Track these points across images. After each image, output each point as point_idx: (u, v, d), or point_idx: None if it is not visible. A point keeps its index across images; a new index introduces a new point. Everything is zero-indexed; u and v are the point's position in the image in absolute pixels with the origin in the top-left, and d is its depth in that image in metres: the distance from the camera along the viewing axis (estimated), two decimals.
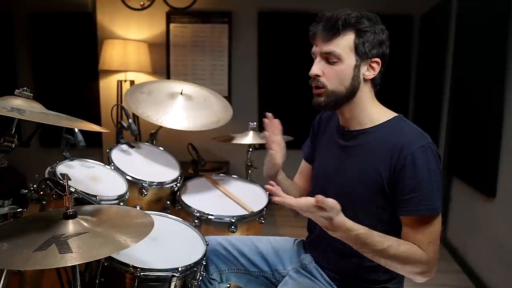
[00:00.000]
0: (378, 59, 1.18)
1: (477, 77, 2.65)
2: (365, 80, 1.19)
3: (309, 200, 1.01)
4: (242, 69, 3.97)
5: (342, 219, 1.04)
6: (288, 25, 3.85)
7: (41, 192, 1.46)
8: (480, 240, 2.62)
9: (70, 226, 1.00)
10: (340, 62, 1.15)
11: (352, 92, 1.18)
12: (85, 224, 1.02)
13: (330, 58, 1.16)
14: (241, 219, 1.81)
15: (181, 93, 2.15)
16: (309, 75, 1.20)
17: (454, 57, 3.00)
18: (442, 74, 3.18)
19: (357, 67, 1.16)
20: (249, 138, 2.18)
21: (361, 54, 1.15)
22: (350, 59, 1.16)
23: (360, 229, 1.06)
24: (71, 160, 1.75)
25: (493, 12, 2.46)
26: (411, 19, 3.80)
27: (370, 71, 1.18)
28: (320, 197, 0.99)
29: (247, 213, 1.85)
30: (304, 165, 1.51)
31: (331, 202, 1.00)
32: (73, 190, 1.13)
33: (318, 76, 1.18)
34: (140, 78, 3.81)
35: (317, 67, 1.18)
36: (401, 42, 3.73)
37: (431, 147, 1.12)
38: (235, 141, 2.20)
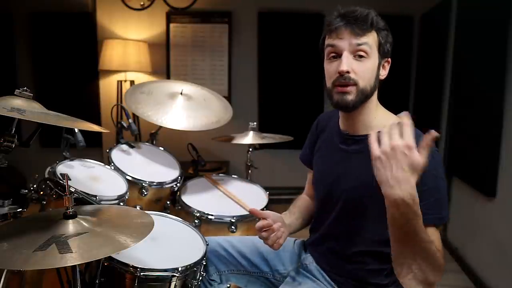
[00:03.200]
0: (389, 59, 1.16)
1: (477, 77, 2.65)
2: (380, 80, 1.16)
3: None
4: (242, 69, 3.97)
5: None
6: (288, 25, 3.86)
7: (41, 192, 1.46)
8: (480, 240, 2.62)
9: (70, 226, 1.00)
10: (368, 58, 1.10)
11: (372, 93, 1.14)
12: (85, 224, 1.02)
13: (360, 52, 1.09)
14: (241, 219, 1.81)
15: (181, 93, 2.15)
16: (336, 73, 1.10)
17: (454, 57, 3.00)
18: (442, 74, 3.17)
19: (379, 66, 1.14)
20: (249, 138, 2.18)
21: (382, 53, 1.13)
22: (375, 57, 1.12)
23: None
24: (71, 160, 1.75)
25: (493, 12, 2.45)
26: (411, 19, 3.80)
27: (383, 71, 1.16)
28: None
29: (247, 213, 1.85)
30: (309, 174, 1.47)
31: None
32: (73, 190, 1.12)
33: (348, 72, 1.09)
34: (140, 78, 3.81)
35: (347, 63, 1.08)
36: (401, 42, 3.71)
37: (436, 153, 1.08)
38: (235, 141, 2.20)
